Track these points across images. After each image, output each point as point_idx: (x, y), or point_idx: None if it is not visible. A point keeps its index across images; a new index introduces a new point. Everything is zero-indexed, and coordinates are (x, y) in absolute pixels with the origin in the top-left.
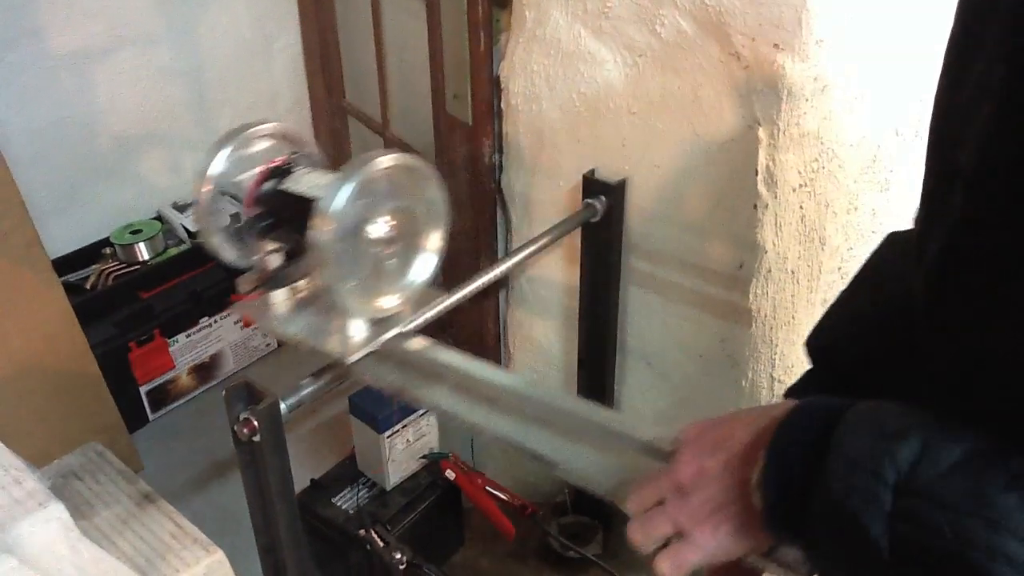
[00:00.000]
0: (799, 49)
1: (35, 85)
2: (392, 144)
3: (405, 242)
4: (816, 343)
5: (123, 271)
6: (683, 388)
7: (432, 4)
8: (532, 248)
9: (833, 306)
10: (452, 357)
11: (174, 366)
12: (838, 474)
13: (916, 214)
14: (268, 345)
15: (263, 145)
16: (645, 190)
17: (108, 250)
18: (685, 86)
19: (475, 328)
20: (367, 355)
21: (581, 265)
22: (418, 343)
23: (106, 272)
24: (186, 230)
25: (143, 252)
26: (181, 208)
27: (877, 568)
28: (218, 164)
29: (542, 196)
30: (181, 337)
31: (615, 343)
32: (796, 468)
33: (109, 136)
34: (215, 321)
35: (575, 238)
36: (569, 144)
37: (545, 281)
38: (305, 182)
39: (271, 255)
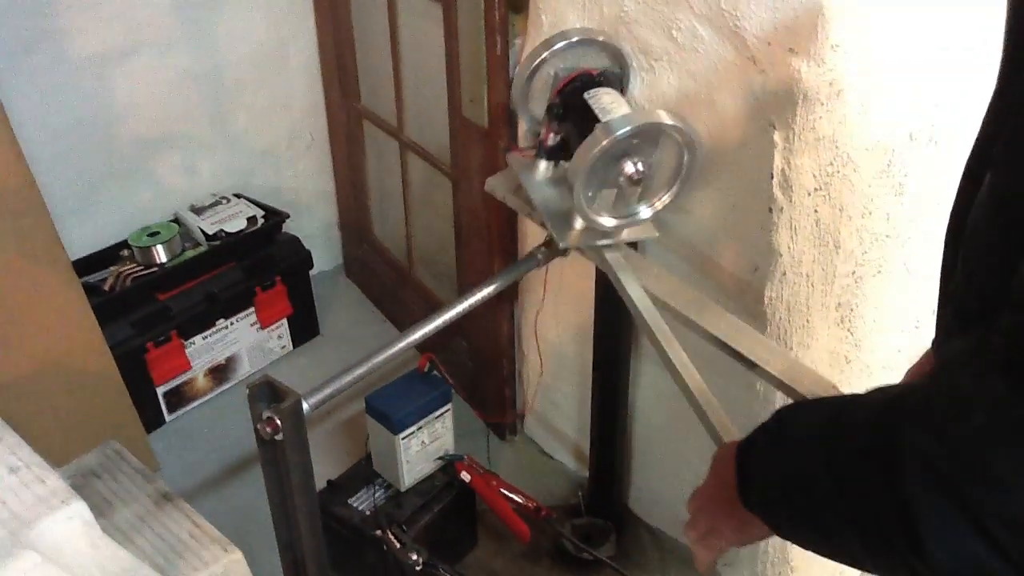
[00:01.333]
0: (815, 54)
1: (55, 87)
2: (407, 148)
3: (645, 187)
4: None
5: (141, 273)
6: None
7: (448, 8)
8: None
9: None
10: (634, 289)
11: (190, 367)
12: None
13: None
14: (284, 347)
15: (591, 46)
16: None
17: (126, 252)
18: (701, 90)
19: (490, 329)
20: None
21: (596, 267)
22: (614, 257)
23: (124, 274)
24: (203, 232)
25: (160, 254)
26: (198, 211)
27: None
28: (552, 50)
29: None
30: (198, 339)
31: (629, 343)
32: (754, 454)
33: (127, 138)
34: (231, 323)
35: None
36: None
37: (561, 286)
38: (601, 102)
39: (552, 134)
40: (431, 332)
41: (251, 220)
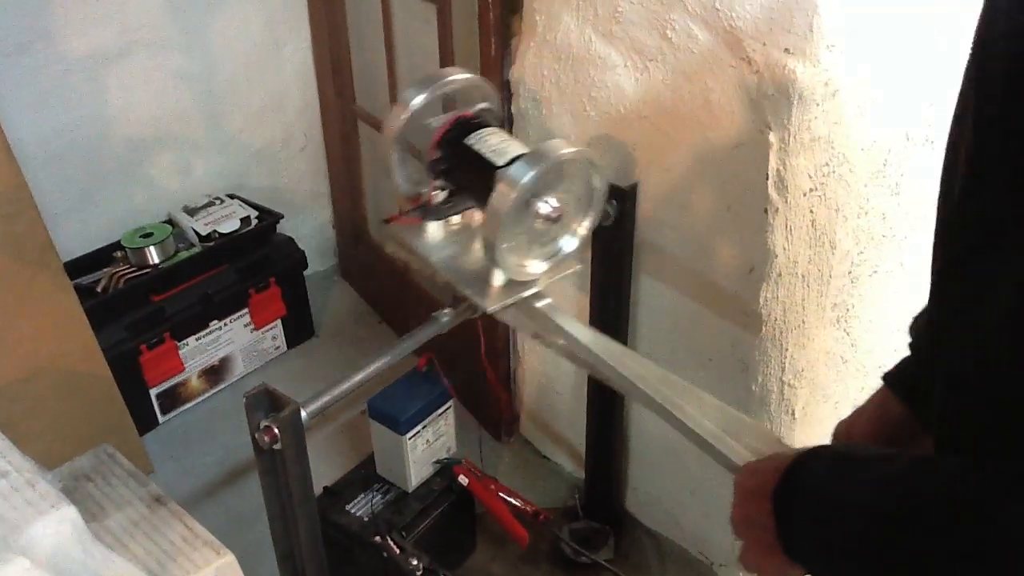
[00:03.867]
0: (810, 54)
1: (48, 88)
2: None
3: (561, 220)
4: (915, 328)
5: (134, 274)
6: None
7: (443, 8)
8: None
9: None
10: (571, 323)
11: (184, 369)
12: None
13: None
14: (278, 349)
15: (454, 90)
16: (655, 194)
17: (119, 253)
18: (696, 90)
19: (486, 331)
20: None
21: (592, 268)
22: (544, 303)
23: (117, 275)
24: (196, 233)
25: (153, 255)
26: (191, 211)
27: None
28: (416, 100)
29: None
30: (191, 340)
31: (625, 345)
32: (791, 506)
33: (120, 139)
34: (225, 324)
35: (586, 247)
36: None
37: (555, 285)
38: (488, 144)
39: (436, 191)
40: (425, 340)
41: (245, 221)
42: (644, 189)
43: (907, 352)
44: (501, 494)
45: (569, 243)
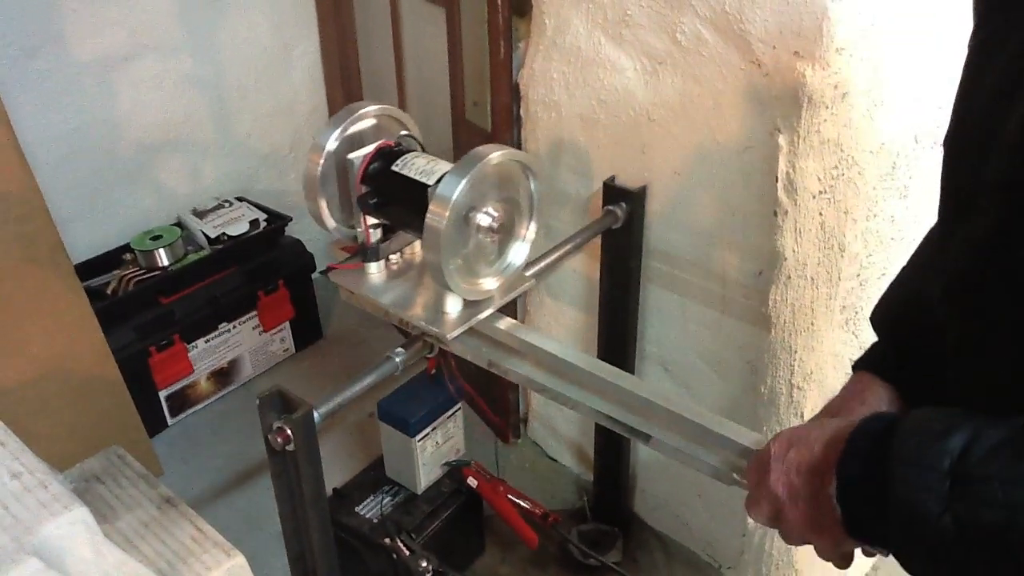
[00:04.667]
0: (820, 57)
1: (58, 92)
2: None
3: (505, 230)
4: (880, 317)
5: (143, 277)
6: (701, 393)
7: (452, 12)
8: (554, 256)
9: (895, 281)
10: (538, 337)
11: (193, 371)
12: (898, 476)
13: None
14: (286, 351)
15: (369, 124)
16: (665, 197)
17: (128, 256)
18: (705, 93)
19: None
20: (462, 330)
21: (601, 271)
22: (505, 323)
23: (126, 278)
24: (205, 236)
25: (163, 258)
26: (201, 214)
27: (950, 556)
28: (330, 140)
29: (562, 203)
30: (200, 342)
31: (634, 349)
32: (862, 480)
33: (130, 142)
34: (234, 327)
35: (595, 244)
36: (589, 151)
37: (564, 287)
38: (415, 166)
39: (372, 229)
40: (379, 380)
41: (254, 223)
42: (653, 191)
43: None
44: (510, 496)
45: (519, 251)
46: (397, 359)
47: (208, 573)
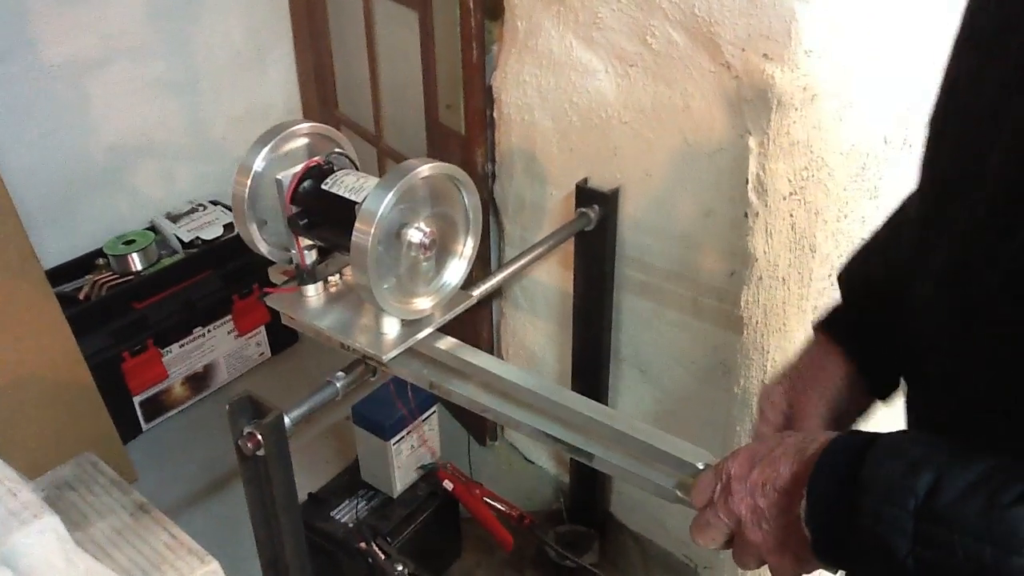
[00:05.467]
0: (789, 59)
1: (29, 96)
2: (385, 154)
3: (440, 246)
4: (847, 278)
5: (116, 282)
6: (676, 395)
7: (425, 16)
8: (527, 258)
9: (864, 245)
10: (479, 357)
11: (167, 376)
12: (867, 506)
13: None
14: (262, 355)
15: (299, 143)
16: (637, 199)
17: (101, 261)
18: (676, 96)
19: (468, 335)
20: (401, 352)
21: (575, 273)
22: (446, 342)
23: (99, 283)
24: (179, 240)
25: (136, 263)
26: (174, 218)
27: None
28: (257, 160)
29: (535, 205)
30: (174, 347)
31: (608, 351)
32: (833, 503)
33: (102, 147)
34: (208, 331)
35: (568, 246)
36: (562, 153)
37: (539, 289)
38: (345, 184)
39: (306, 250)
40: (318, 406)
41: (228, 227)
42: (626, 194)
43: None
44: (486, 499)
45: (456, 269)
46: (338, 384)
47: None
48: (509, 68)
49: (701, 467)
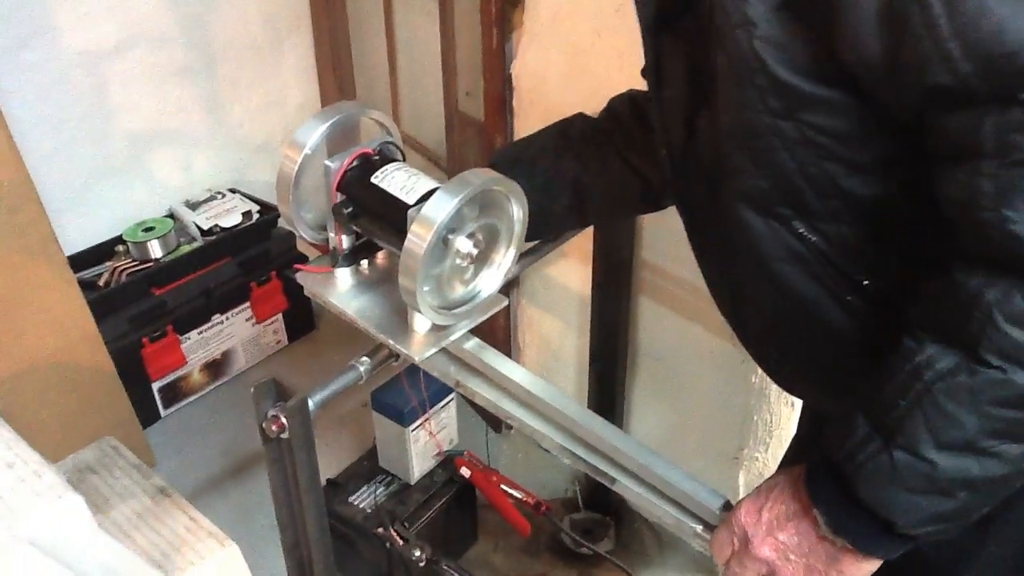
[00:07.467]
0: None
1: (49, 83)
2: (403, 142)
3: (482, 254)
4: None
5: (136, 268)
6: (693, 385)
7: (445, 2)
8: (546, 248)
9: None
10: (506, 365)
11: (186, 363)
12: (849, 472)
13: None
14: (279, 342)
15: (351, 125)
16: None
17: (121, 247)
18: None
19: (485, 324)
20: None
21: (593, 262)
22: (473, 344)
23: (119, 269)
24: (198, 227)
25: (156, 249)
26: (193, 205)
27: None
28: (313, 137)
29: None
30: (193, 334)
31: (626, 340)
32: (838, 500)
33: (122, 134)
34: (227, 318)
35: (587, 236)
36: None
37: (557, 279)
38: (396, 181)
39: (343, 237)
40: (342, 389)
41: (246, 215)
42: None
43: None
44: (503, 486)
45: (492, 278)
46: (361, 368)
47: (201, 562)
48: (530, 55)
49: (717, 511)
